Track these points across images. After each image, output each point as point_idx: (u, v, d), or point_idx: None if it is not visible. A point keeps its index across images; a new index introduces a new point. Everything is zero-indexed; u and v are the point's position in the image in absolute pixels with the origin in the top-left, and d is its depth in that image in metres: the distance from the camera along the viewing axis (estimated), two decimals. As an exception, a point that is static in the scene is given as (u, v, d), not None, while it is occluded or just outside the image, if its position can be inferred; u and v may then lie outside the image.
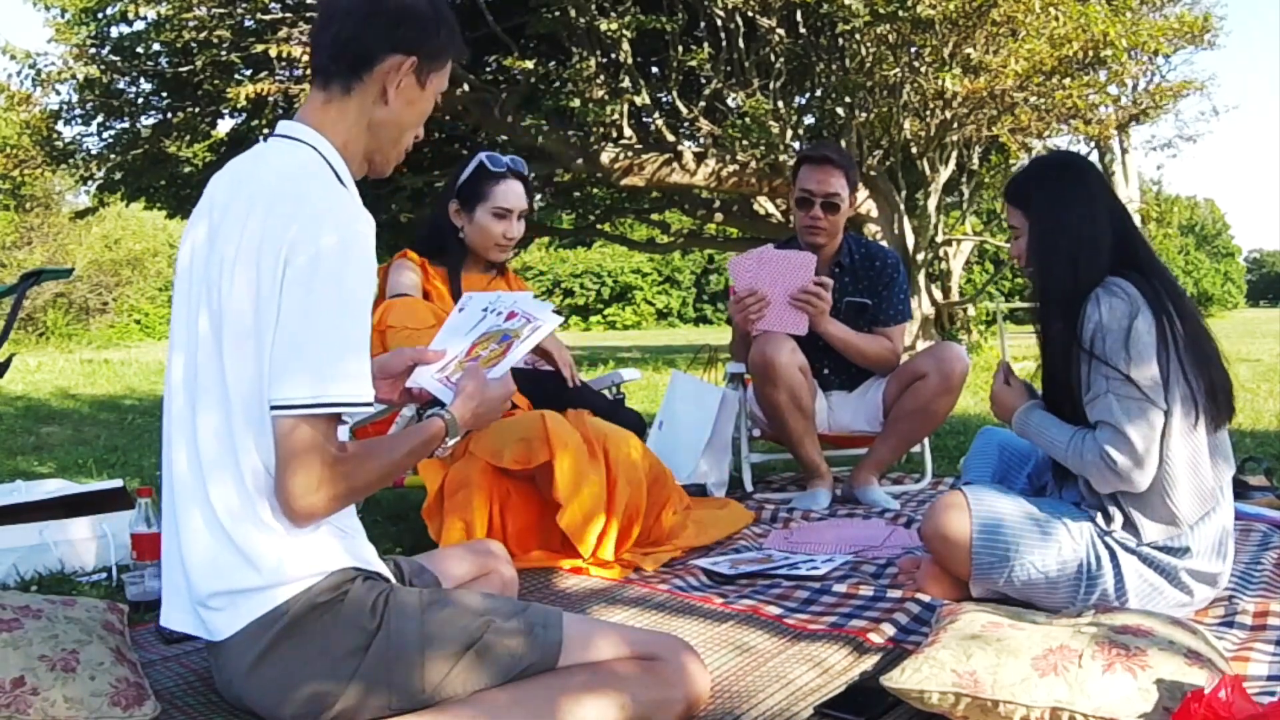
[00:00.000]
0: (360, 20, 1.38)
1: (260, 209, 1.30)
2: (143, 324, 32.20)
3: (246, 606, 1.32)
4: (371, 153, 1.46)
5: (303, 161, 1.37)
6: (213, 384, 1.33)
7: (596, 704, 1.34)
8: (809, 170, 3.16)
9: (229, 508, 1.32)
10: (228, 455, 1.32)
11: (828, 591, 2.12)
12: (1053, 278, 1.86)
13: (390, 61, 1.39)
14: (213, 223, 1.37)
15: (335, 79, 1.40)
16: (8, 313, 3.38)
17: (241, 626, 1.33)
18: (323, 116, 1.41)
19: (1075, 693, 1.36)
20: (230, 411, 1.31)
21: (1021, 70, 8.29)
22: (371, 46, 1.38)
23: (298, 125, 1.41)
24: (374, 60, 1.39)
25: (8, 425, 5.67)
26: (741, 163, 9.78)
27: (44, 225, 25.04)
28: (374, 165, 1.48)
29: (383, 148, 1.46)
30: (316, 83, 1.42)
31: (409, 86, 1.42)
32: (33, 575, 2.32)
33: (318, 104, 1.42)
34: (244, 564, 1.31)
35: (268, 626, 1.32)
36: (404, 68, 1.40)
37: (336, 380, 1.27)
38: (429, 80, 1.44)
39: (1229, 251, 54.94)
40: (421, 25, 1.41)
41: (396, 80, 1.40)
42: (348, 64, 1.39)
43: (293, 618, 1.31)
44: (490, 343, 1.70)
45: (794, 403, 3.04)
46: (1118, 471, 1.76)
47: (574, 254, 39.91)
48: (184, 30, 8.90)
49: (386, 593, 1.37)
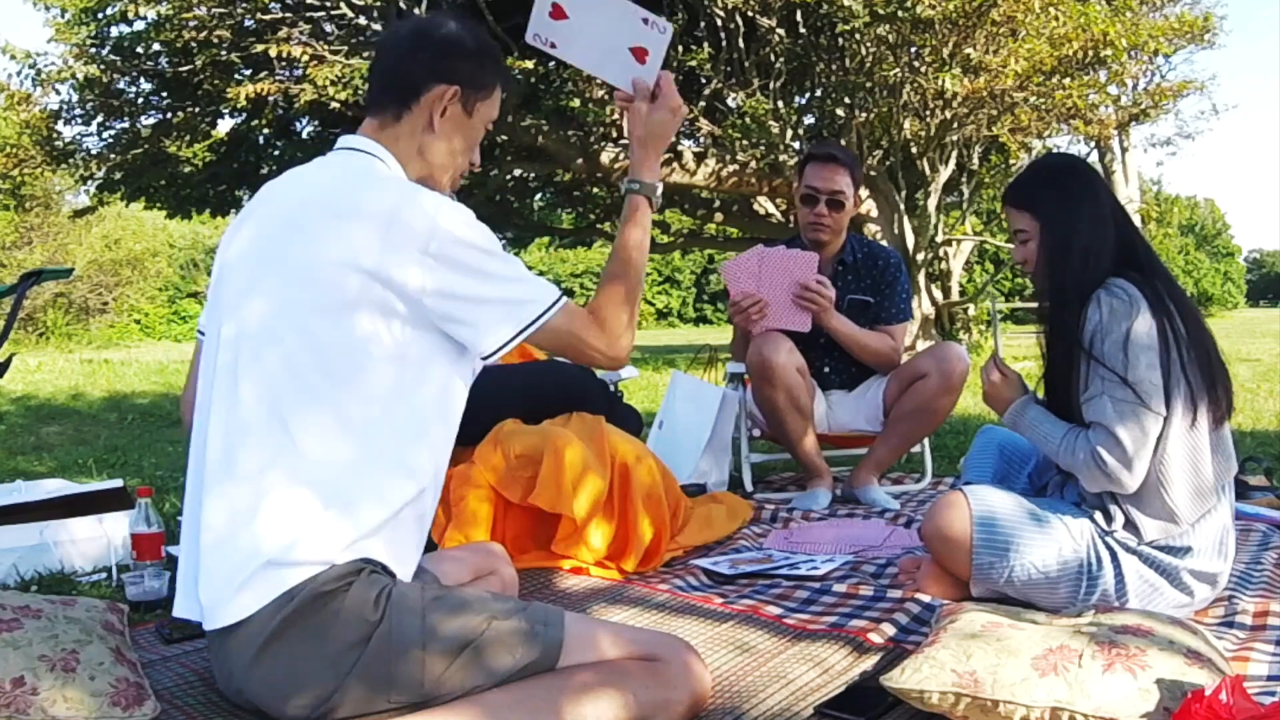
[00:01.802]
0: (407, 53, 1.51)
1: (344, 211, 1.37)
2: (143, 324, 32.22)
3: (254, 592, 1.32)
4: (424, 178, 1.54)
5: (374, 164, 1.48)
6: (264, 363, 1.37)
7: (598, 704, 1.34)
8: (815, 167, 3.17)
9: (249, 492, 1.33)
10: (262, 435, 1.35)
11: (828, 591, 2.12)
12: (1062, 279, 1.86)
13: (435, 91, 1.50)
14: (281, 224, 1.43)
15: (387, 107, 1.51)
16: (8, 313, 3.38)
17: (249, 614, 1.33)
18: (381, 138, 1.52)
19: (1075, 693, 1.36)
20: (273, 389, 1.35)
21: (1021, 70, 8.29)
22: (417, 77, 1.50)
23: (360, 139, 1.52)
24: (420, 90, 1.50)
25: (8, 425, 5.67)
26: (741, 163, 9.78)
27: (44, 225, 25.04)
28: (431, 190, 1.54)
29: (434, 173, 1.55)
30: (371, 111, 1.53)
31: (455, 114, 1.53)
32: (33, 575, 2.32)
33: (374, 127, 1.52)
34: (256, 549, 1.32)
35: (273, 614, 1.32)
36: (448, 96, 1.51)
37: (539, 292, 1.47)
38: (475, 108, 1.55)
39: (1229, 251, 54.96)
40: (464, 56, 1.52)
41: (441, 108, 1.51)
42: (397, 93, 1.51)
43: (297, 606, 1.32)
44: None
45: (792, 403, 3.04)
46: (1107, 472, 1.76)
47: (574, 254, 39.95)
48: (184, 30, 8.91)
49: (389, 588, 1.37)
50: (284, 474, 1.34)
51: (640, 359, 11.93)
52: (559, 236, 15.65)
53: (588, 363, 1.53)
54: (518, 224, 13.72)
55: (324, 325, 1.36)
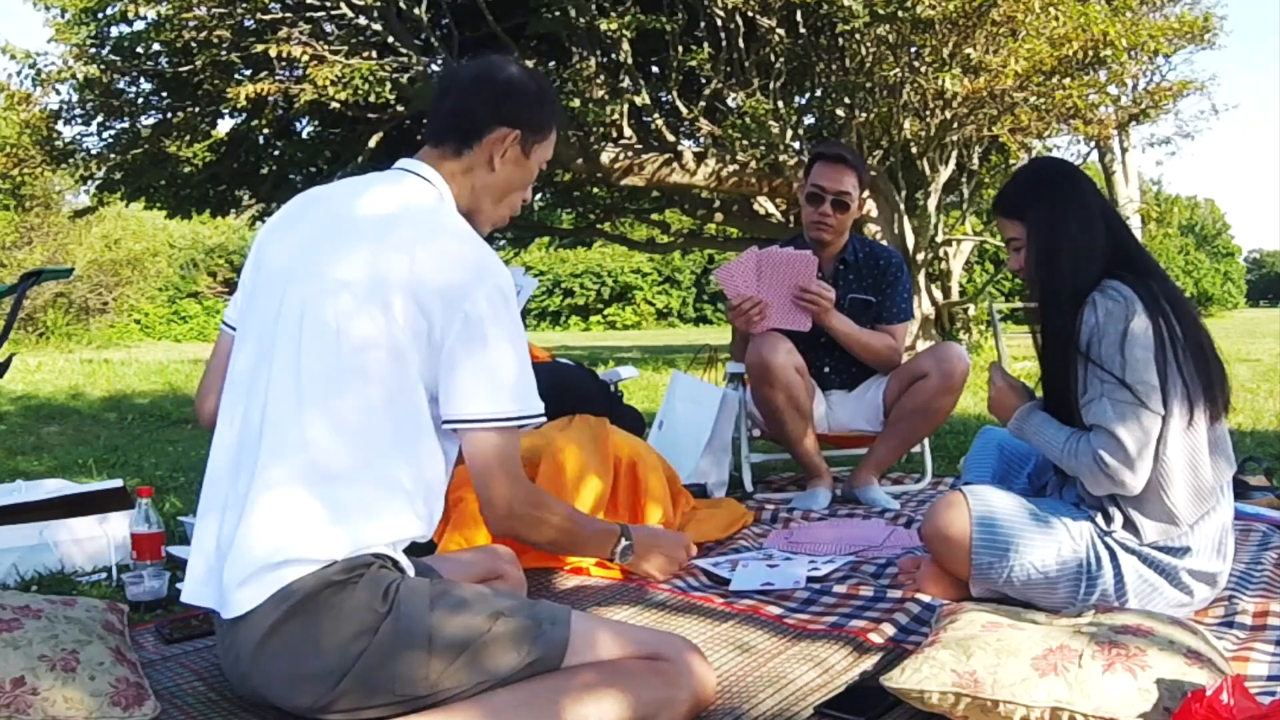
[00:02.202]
0: (472, 94, 1.56)
1: (413, 237, 1.43)
2: (143, 324, 32.22)
3: (267, 580, 1.34)
4: (472, 213, 1.58)
5: (432, 193, 1.52)
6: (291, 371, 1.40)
7: (601, 703, 1.34)
8: (822, 167, 3.17)
9: (284, 484, 1.36)
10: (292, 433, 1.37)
11: (828, 591, 2.12)
12: (1053, 284, 1.86)
13: (497, 134, 1.55)
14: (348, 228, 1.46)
15: (448, 143, 1.56)
16: (8, 313, 3.38)
17: (259, 602, 1.34)
18: (440, 169, 1.56)
19: (1075, 693, 1.36)
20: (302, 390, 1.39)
21: (1021, 70, 8.29)
22: (480, 119, 1.55)
23: (426, 168, 1.55)
24: (482, 132, 1.55)
25: (8, 425, 5.67)
26: (741, 163, 9.78)
27: (44, 225, 25.01)
28: (473, 224, 1.57)
29: (484, 208, 1.61)
30: (430, 142, 1.58)
31: (514, 156, 1.58)
32: (33, 575, 2.32)
33: (434, 157, 1.57)
34: (270, 543, 1.34)
35: (282, 601, 1.33)
36: (509, 139, 1.56)
37: (525, 399, 1.46)
38: (532, 150, 1.60)
39: (1229, 251, 54.93)
40: (525, 101, 1.57)
41: (502, 150, 1.56)
42: (460, 133, 1.56)
43: (306, 594, 1.33)
44: None
45: (791, 403, 3.04)
46: (1110, 474, 1.76)
47: (574, 254, 39.94)
48: (184, 30, 8.91)
49: (398, 582, 1.39)
50: (303, 470, 1.36)
51: (640, 359, 11.93)
52: (559, 236, 15.64)
53: (482, 500, 1.51)
54: (518, 224, 13.72)
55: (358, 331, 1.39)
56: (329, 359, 1.39)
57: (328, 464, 1.37)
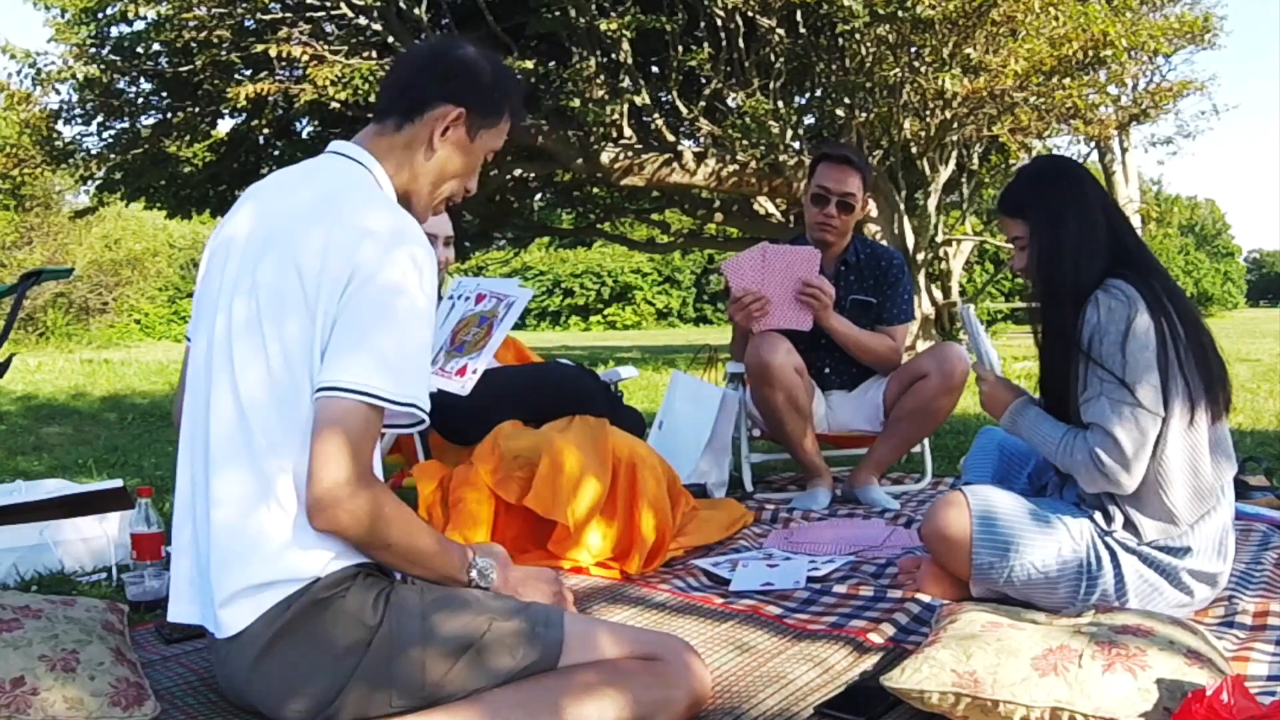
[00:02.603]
0: (420, 68, 1.50)
1: (328, 223, 1.35)
2: (143, 324, 32.19)
3: (253, 602, 1.33)
4: (409, 193, 1.52)
5: (363, 181, 1.45)
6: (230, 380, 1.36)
7: (598, 703, 1.34)
8: (827, 168, 3.17)
9: (240, 499, 1.33)
10: (240, 447, 1.34)
11: (828, 591, 2.12)
12: (1055, 283, 1.86)
13: (440, 110, 1.48)
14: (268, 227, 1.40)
15: (390, 117, 1.49)
16: (8, 313, 3.38)
17: (248, 624, 1.33)
18: (376, 145, 1.50)
19: (1075, 693, 1.36)
20: (242, 404, 1.34)
21: (1021, 70, 8.28)
22: (426, 92, 1.48)
23: (353, 146, 1.50)
24: (425, 106, 1.48)
25: (8, 425, 5.67)
26: (741, 163, 9.78)
27: (44, 225, 25.00)
28: (408, 206, 1.52)
29: (419, 191, 1.52)
30: (376, 118, 1.51)
31: (457, 137, 1.50)
32: (33, 575, 2.33)
33: (372, 134, 1.51)
34: (252, 559, 1.32)
35: (270, 622, 1.32)
36: (451, 117, 1.48)
37: (401, 378, 1.31)
38: (479, 135, 1.52)
39: (1229, 251, 54.93)
40: (476, 82, 1.50)
41: (443, 127, 1.48)
42: (403, 106, 1.49)
43: (295, 614, 1.32)
44: (470, 327, 1.72)
45: (791, 404, 3.04)
46: (1105, 473, 1.76)
47: (574, 254, 39.93)
48: (184, 30, 8.91)
49: (388, 590, 1.37)
50: (270, 485, 1.32)
51: (640, 359, 11.93)
52: (559, 236, 15.64)
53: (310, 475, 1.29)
54: (517, 224, 13.73)
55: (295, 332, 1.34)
56: (261, 372, 1.33)
57: (277, 480, 1.32)
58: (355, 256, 1.32)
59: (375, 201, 1.40)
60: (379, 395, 1.29)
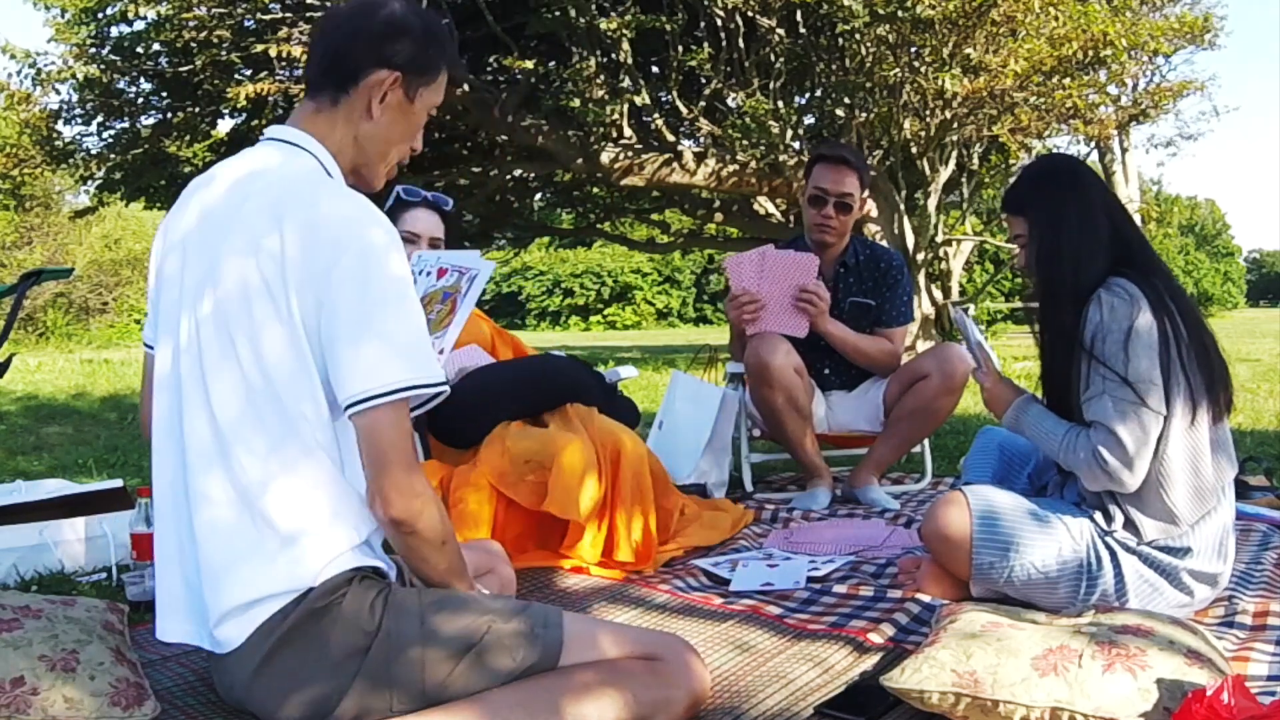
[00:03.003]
0: (349, 35, 1.41)
1: (285, 217, 1.30)
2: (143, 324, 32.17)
3: (248, 617, 1.32)
4: (359, 166, 1.47)
5: (300, 163, 1.39)
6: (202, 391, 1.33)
7: (598, 703, 1.34)
8: (824, 169, 3.16)
9: (225, 514, 1.31)
10: (219, 463, 1.32)
11: (828, 591, 2.12)
12: (1055, 281, 1.87)
13: (375, 77, 1.41)
14: (220, 228, 1.36)
15: (324, 90, 1.43)
16: (8, 313, 3.38)
17: (245, 637, 1.33)
18: (314, 124, 1.43)
19: (1075, 693, 1.36)
20: (216, 420, 1.31)
21: (1021, 70, 8.28)
22: (358, 61, 1.40)
23: (292, 130, 1.43)
24: (360, 74, 1.41)
25: (8, 425, 5.67)
26: (741, 163, 9.77)
27: (44, 225, 25.00)
28: (361, 178, 1.48)
29: (370, 162, 1.47)
30: (309, 93, 1.44)
31: (396, 101, 1.44)
32: (33, 575, 2.32)
33: (309, 112, 1.44)
34: (243, 575, 1.31)
35: (268, 634, 1.32)
36: (388, 82, 1.42)
37: (416, 359, 1.29)
38: (417, 95, 1.45)
39: (1229, 251, 54.94)
40: (408, 40, 1.42)
41: (381, 94, 1.42)
42: (335, 77, 1.42)
43: (293, 624, 1.31)
44: (434, 304, 1.69)
45: (790, 404, 3.04)
46: (1108, 471, 1.77)
47: (574, 254, 39.92)
48: (184, 30, 8.90)
49: (385, 593, 1.37)
50: (255, 498, 1.30)
51: (640, 359, 11.93)
52: (559, 236, 15.63)
53: (375, 489, 1.30)
54: (517, 224, 13.71)
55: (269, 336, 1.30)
56: (234, 383, 1.31)
57: (262, 492, 1.30)
58: (324, 249, 1.28)
59: (326, 188, 1.35)
60: (403, 388, 1.28)
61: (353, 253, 1.28)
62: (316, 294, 1.28)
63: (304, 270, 1.29)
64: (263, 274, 1.30)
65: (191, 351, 1.34)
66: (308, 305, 1.29)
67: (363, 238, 1.29)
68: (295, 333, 1.30)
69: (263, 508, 1.30)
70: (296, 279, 1.29)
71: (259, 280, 1.30)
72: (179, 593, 1.40)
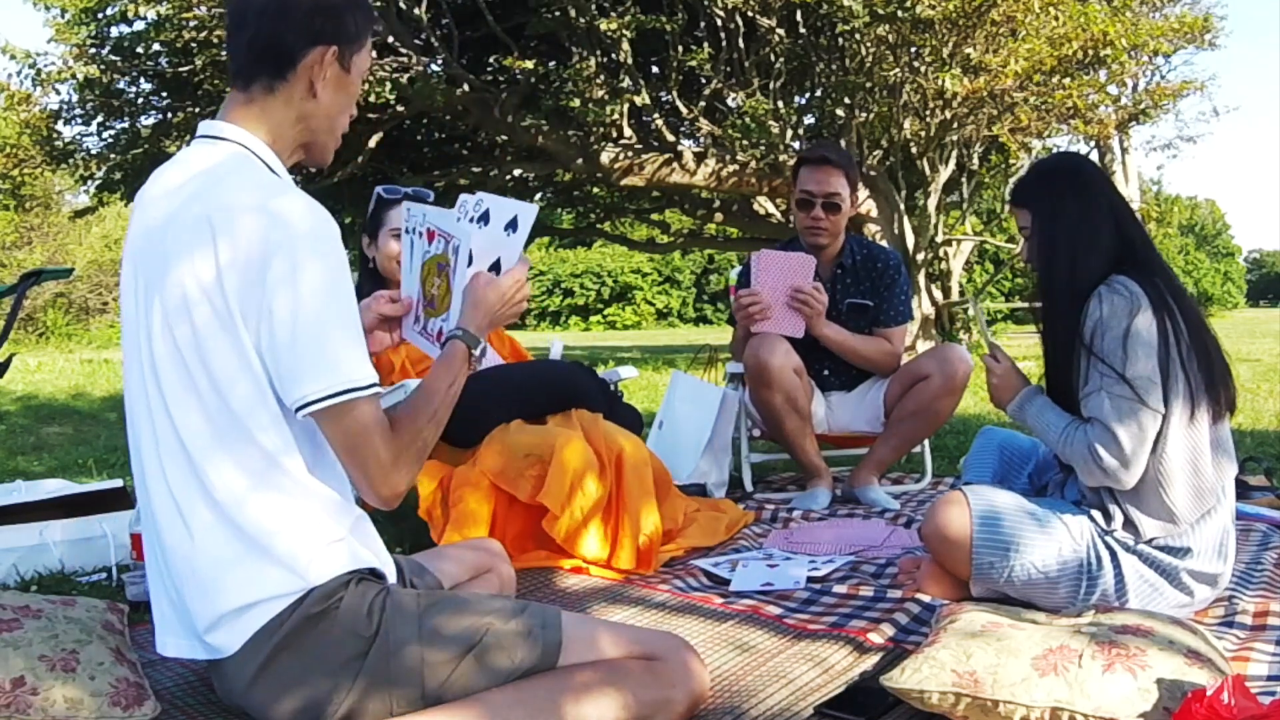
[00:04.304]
0: (275, 19, 1.38)
1: (213, 226, 1.28)
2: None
3: (239, 624, 1.32)
4: (307, 144, 1.46)
5: (232, 160, 1.36)
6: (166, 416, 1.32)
7: (597, 703, 1.34)
8: (808, 171, 3.16)
9: (205, 532, 1.31)
10: (194, 484, 1.31)
11: (828, 591, 2.12)
12: (1055, 276, 1.88)
13: (313, 55, 1.39)
14: (158, 244, 1.34)
15: (257, 80, 1.39)
16: (8, 313, 3.38)
17: (240, 645, 1.33)
18: (245, 114, 1.40)
19: (1075, 693, 1.36)
20: (181, 439, 1.30)
21: (1021, 70, 8.29)
22: (292, 43, 1.38)
23: (220, 125, 1.40)
24: (296, 56, 1.39)
25: (8, 425, 5.67)
26: (741, 163, 9.78)
27: (44, 225, 25.02)
28: (312, 154, 1.47)
29: (318, 137, 1.46)
30: (236, 85, 1.41)
31: (334, 75, 1.42)
32: (33, 575, 2.32)
33: (239, 103, 1.41)
34: (227, 585, 1.31)
35: (264, 640, 1.31)
36: (327, 58, 1.40)
37: (356, 365, 1.30)
38: (352, 64, 1.44)
39: (1229, 251, 54.96)
40: (336, 13, 1.40)
41: (322, 73, 1.40)
42: (270, 64, 1.39)
43: (290, 629, 1.31)
44: (432, 276, 1.68)
45: (790, 404, 3.04)
46: (1104, 468, 1.77)
47: (574, 254, 39.96)
48: (184, 30, 8.90)
49: (384, 595, 1.37)
50: (233, 514, 1.30)
51: (640, 359, 11.93)
52: (559, 236, 15.64)
53: (357, 483, 1.35)
54: (517, 224, 13.69)
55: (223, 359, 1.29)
56: (195, 411, 1.30)
57: (239, 509, 1.30)
58: (255, 253, 1.26)
59: (258, 189, 1.31)
60: (341, 390, 1.28)
61: (284, 254, 1.26)
62: (255, 300, 1.27)
63: (240, 277, 1.27)
64: (201, 284, 1.28)
65: (153, 378, 1.33)
66: (249, 310, 1.27)
67: (294, 239, 1.27)
68: (239, 340, 1.28)
69: (241, 520, 1.30)
70: (234, 285, 1.27)
71: (198, 292, 1.28)
72: (167, 611, 1.40)
